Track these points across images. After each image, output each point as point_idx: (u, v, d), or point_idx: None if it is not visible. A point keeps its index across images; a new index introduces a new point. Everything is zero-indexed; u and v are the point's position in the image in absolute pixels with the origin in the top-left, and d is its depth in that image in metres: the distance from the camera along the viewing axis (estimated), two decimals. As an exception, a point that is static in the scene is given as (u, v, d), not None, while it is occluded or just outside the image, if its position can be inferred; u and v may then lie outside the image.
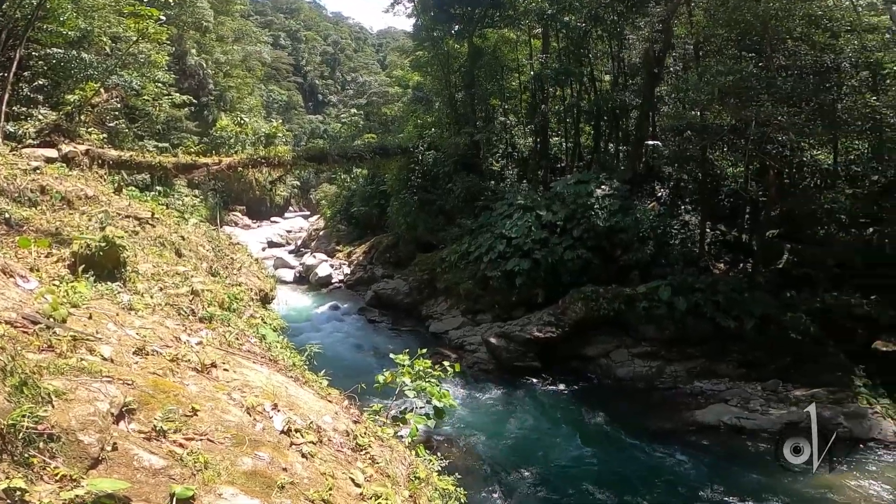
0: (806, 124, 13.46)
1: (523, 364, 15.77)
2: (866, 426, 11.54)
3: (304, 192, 53.89)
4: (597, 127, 22.39)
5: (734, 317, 14.34)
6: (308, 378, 4.03)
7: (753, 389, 13.55)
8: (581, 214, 17.36)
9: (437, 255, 20.93)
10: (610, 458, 11.45)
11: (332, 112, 75.70)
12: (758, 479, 10.25)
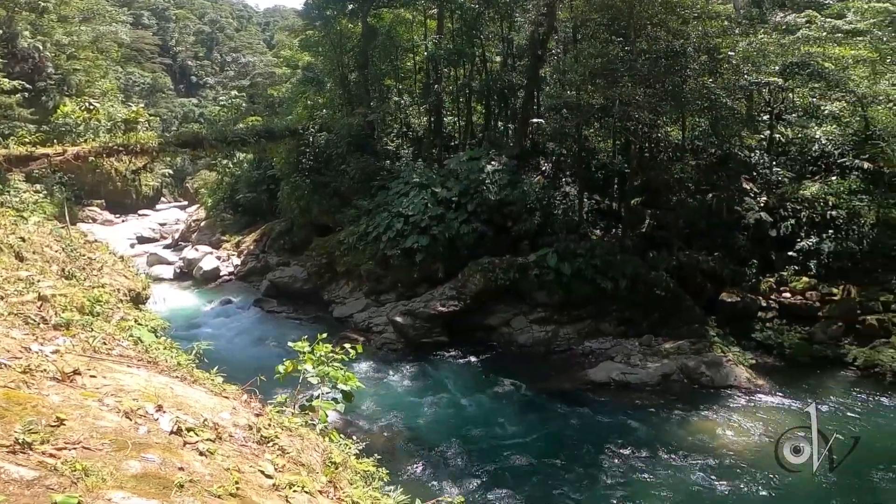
0: (659, 103, 14.80)
1: (431, 340, 15.79)
2: (723, 373, 13.12)
3: (178, 181, 48.56)
4: (487, 106, 22.73)
5: (610, 278, 15.55)
6: (198, 377, 3.80)
7: (632, 345, 14.84)
8: (474, 189, 17.72)
9: (335, 238, 20.04)
10: (520, 421, 11.95)
11: (209, 94, 68.92)
12: (645, 429, 11.35)
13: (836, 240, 15.37)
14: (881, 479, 9.45)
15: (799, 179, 17.02)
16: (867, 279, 14.84)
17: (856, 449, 10.12)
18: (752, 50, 15.05)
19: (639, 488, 9.51)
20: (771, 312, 15.24)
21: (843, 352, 13.48)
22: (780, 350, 14.06)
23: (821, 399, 11.99)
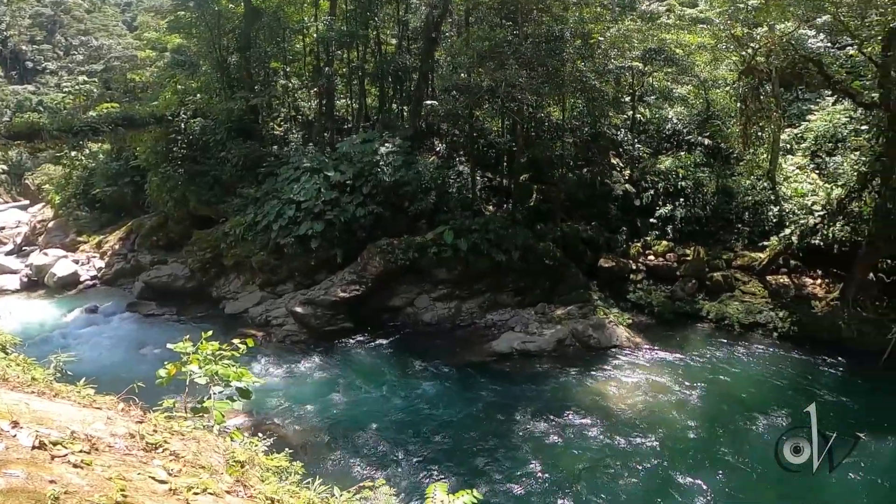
0: (541, 85, 15.37)
1: (335, 327, 15.02)
2: (607, 335, 14.10)
3: (16, 177, 40.69)
4: (382, 88, 21.82)
5: (504, 251, 16.00)
6: (60, 390, 3.49)
7: (529, 314, 15.41)
8: (368, 172, 17.05)
9: (220, 230, 18.05)
10: (433, 398, 11.88)
11: (49, 81, 58.55)
12: (548, 394, 11.97)
13: (686, 207, 17.31)
14: (740, 417, 10.73)
15: (656, 154, 18.88)
16: (711, 240, 16.92)
17: (718, 394, 11.58)
18: (618, 36, 16.19)
19: (550, 451, 10.01)
20: (640, 274, 16.77)
21: (699, 307, 15.21)
22: (650, 308, 15.51)
23: (685, 351, 13.48)
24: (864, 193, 14.66)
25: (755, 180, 17.35)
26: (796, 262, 15.68)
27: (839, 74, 15.40)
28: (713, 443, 10.03)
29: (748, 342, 13.78)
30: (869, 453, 9.45)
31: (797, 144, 18.64)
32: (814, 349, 13.23)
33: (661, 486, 8.93)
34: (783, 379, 12.12)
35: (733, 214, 17.00)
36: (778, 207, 16.55)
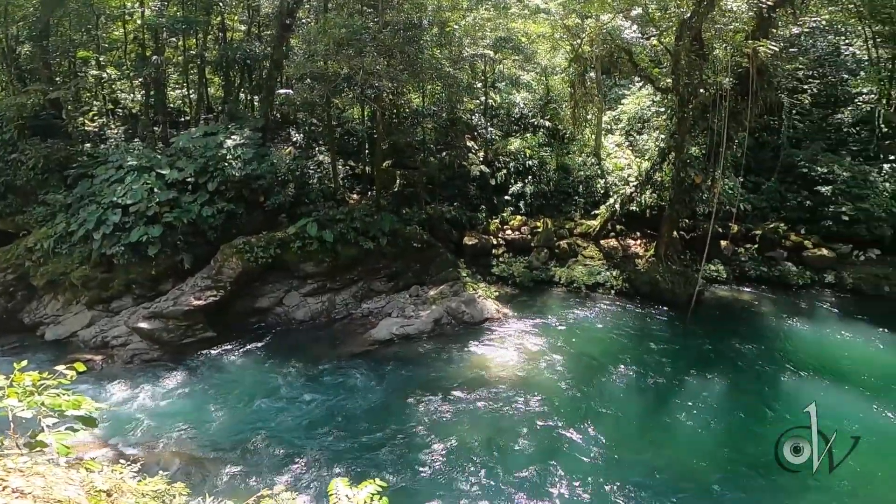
0: (399, 73, 14.91)
1: (195, 338, 13.20)
2: (479, 309, 14.63)
3: None
4: (227, 77, 19.18)
5: (371, 238, 15.62)
6: None
7: (404, 298, 15.30)
8: (214, 167, 14.99)
9: (22, 245, 14.34)
10: (318, 396, 11.31)
11: None
12: (433, 374, 12.13)
13: (534, 183, 18.68)
14: (598, 368, 12.10)
15: (506, 136, 19.93)
16: (556, 212, 18.58)
17: (578, 351, 12.89)
18: (472, 25, 16.35)
19: (446, 428, 10.15)
20: (501, 248, 17.75)
21: (552, 273, 16.67)
22: (512, 280, 16.55)
23: (546, 315, 14.68)
24: (664, 165, 17.29)
25: (585, 157, 19.39)
26: (621, 227, 18.09)
27: (643, 62, 17.65)
28: (584, 395, 11.20)
29: (593, 301, 15.58)
30: (692, 389, 11.48)
31: (615, 125, 21.27)
32: (643, 301, 15.52)
33: (550, 443, 9.73)
34: (624, 329, 14.00)
35: (571, 188, 18.87)
36: (604, 180, 18.79)
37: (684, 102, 15.37)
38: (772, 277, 16.45)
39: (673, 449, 9.70)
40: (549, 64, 20.03)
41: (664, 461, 9.33)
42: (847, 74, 19.72)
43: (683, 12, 14.31)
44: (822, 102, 19.74)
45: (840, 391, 11.37)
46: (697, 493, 8.60)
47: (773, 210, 17.63)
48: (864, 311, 15.06)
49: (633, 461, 9.32)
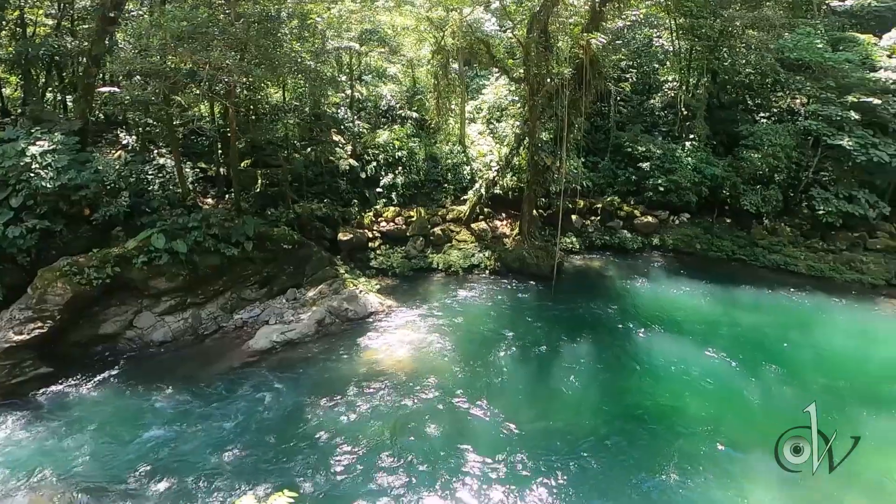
0: (253, 67, 13.61)
1: (25, 377, 10.97)
2: (362, 304, 14.22)
3: None
4: (27, 76, 15.73)
5: (234, 243, 14.31)
6: None
7: (281, 304, 14.28)
8: (17, 179, 12.23)
9: None
10: (204, 418, 10.19)
11: None
12: (325, 376, 11.61)
13: (405, 174, 18.65)
14: (485, 346, 12.55)
15: (374, 129, 19.51)
16: (428, 200, 18.79)
17: (464, 332, 13.21)
18: (336, 17, 15.52)
19: (349, 428, 9.77)
20: (377, 241, 17.45)
21: (429, 260, 16.86)
22: (392, 270, 16.42)
23: (429, 302, 14.87)
24: (520, 150, 18.47)
25: (452, 146, 19.88)
26: (489, 210, 18.97)
27: (500, 54, 18.57)
28: (476, 373, 11.58)
29: (471, 282, 16.14)
30: (567, 352, 12.51)
31: (478, 114, 22.15)
32: (514, 277, 16.49)
33: (455, 424, 9.90)
34: (501, 306, 14.77)
35: (440, 176, 19.25)
36: (470, 167, 19.49)
37: (534, 91, 16.47)
38: (613, 244, 18.72)
39: (564, 412, 10.53)
40: (415, 56, 20.07)
41: (561, 424, 10.08)
42: (657, 64, 22.97)
43: (534, 6, 15.22)
44: (639, 90, 22.79)
45: (678, 340, 13.37)
46: (596, 447, 9.46)
47: (609, 185, 19.98)
48: (684, 267, 17.92)
49: (533, 429, 9.89)
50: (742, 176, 19.40)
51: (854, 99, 19.05)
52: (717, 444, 9.75)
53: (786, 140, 19.37)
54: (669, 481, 8.77)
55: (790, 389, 11.65)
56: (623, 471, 8.95)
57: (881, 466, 9.17)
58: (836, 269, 18.05)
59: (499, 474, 8.72)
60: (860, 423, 10.51)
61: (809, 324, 14.91)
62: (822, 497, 8.45)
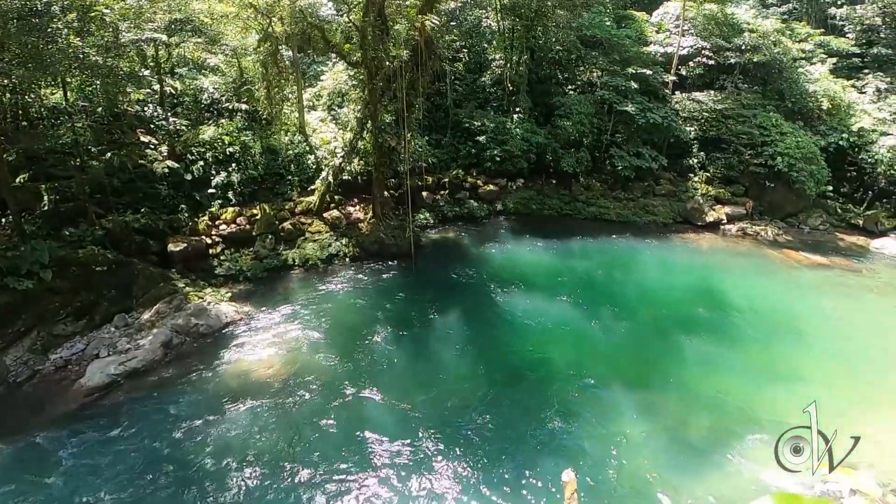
0: (9, 68, 10.56)
1: None
2: (214, 316, 12.46)
3: None
4: None
5: (26, 275, 11.43)
6: None
7: (109, 333, 11.99)
8: None
9: None
10: (33, 483, 7.61)
11: None
12: (187, 397, 10.11)
13: (240, 170, 16.67)
14: (357, 334, 11.96)
15: (196, 125, 16.93)
16: (272, 195, 17.13)
17: (334, 324, 12.35)
18: (130, 7, 12.63)
19: (235, 450, 8.69)
20: (220, 246, 15.41)
21: (284, 258, 15.44)
22: (243, 275, 14.70)
23: (291, 301, 13.71)
24: (364, 134, 17.84)
25: (291, 136, 18.32)
26: (339, 197, 18.06)
27: (336, 39, 17.43)
28: (357, 363, 11.07)
29: (332, 273, 15.25)
30: (438, 325, 12.46)
31: (317, 101, 20.72)
32: (375, 260, 16.04)
33: (349, 418, 9.37)
34: (367, 291, 14.29)
35: (282, 168, 17.68)
36: (314, 156, 18.25)
37: (373, 75, 15.95)
38: (464, 214, 19.44)
39: (449, 381, 10.61)
40: (240, 45, 17.75)
41: (448, 393, 10.15)
42: (486, 44, 24.07)
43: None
44: (472, 68, 23.74)
45: (531, 294, 14.46)
46: (486, 410, 9.69)
47: (452, 160, 20.61)
48: (525, 227, 19.42)
49: (425, 404, 9.80)
50: (559, 142, 21.58)
51: (633, 70, 22.36)
52: (585, 385, 10.77)
53: (588, 109, 22.02)
54: (556, 427, 9.46)
55: (626, 323, 13.50)
56: (514, 427, 9.39)
57: (715, 385, 10.88)
58: (637, 213, 21.35)
59: (404, 457, 8.55)
60: (686, 348, 12.41)
61: (627, 263, 17.38)
62: (675, 421, 9.81)
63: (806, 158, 21.16)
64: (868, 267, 18.71)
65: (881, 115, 23.02)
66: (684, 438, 9.31)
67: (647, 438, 9.25)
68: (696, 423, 9.76)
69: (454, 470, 8.33)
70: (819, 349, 12.76)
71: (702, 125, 22.89)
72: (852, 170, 22.59)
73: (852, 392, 11.06)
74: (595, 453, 8.84)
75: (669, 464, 8.65)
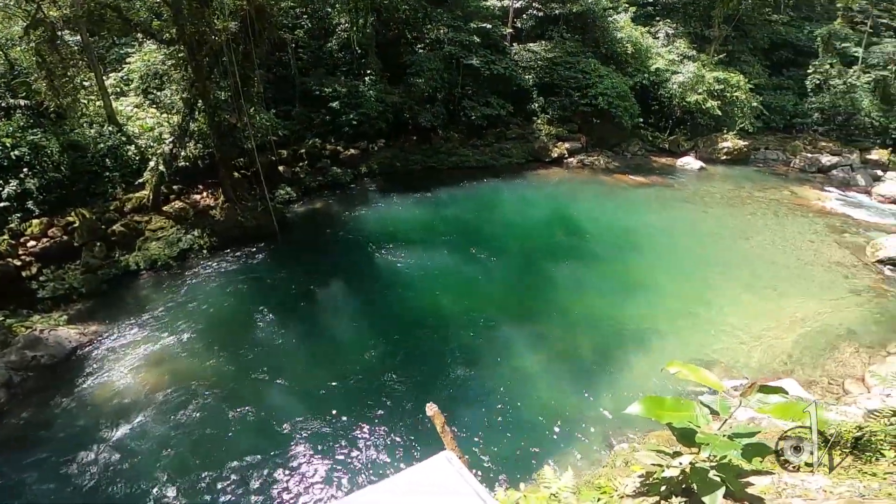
0: None
1: None
2: (55, 343, 10.32)
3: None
4: None
5: None
6: None
7: None
8: None
9: None
10: None
11: None
12: (50, 446, 8.09)
13: (36, 175, 12.98)
14: (239, 333, 10.31)
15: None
16: (89, 197, 13.81)
17: (210, 324, 10.44)
18: None
19: (130, 480, 7.17)
20: (34, 266, 12.14)
21: (123, 263, 12.75)
22: (76, 292, 11.84)
23: (151, 309, 11.62)
24: (196, 115, 15.06)
25: (99, 128, 14.69)
26: (179, 186, 15.28)
27: (139, 16, 14.00)
28: (245, 361, 9.68)
29: (191, 269, 13.12)
30: (321, 300, 11.26)
31: (127, 86, 16.84)
32: (238, 246, 14.05)
33: (253, 420, 8.29)
34: (237, 280, 12.65)
35: (95, 165, 14.27)
36: (134, 146, 15.00)
37: (194, 51, 13.19)
38: (328, 183, 17.98)
39: (349, 355, 9.79)
40: (3, 35, 13.32)
41: (351, 367, 9.40)
42: (329, 8, 21.64)
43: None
44: (316, 34, 21.29)
45: (412, 249, 13.96)
46: (395, 376, 9.12)
47: (307, 129, 18.75)
48: (393, 186, 18.65)
49: (330, 384, 8.98)
50: (414, 99, 20.80)
51: (475, 25, 22.05)
52: (478, 326, 10.73)
53: (438, 65, 21.43)
54: (459, 375, 9.30)
55: (502, 260, 13.85)
56: (422, 383, 9.04)
57: (587, 305, 11.30)
58: (494, 157, 21.86)
59: (319, 435, 7.90)
60: (556, 274, 13.00)
61: (492, 203, 17.68)
62: (563, 345, 10.17)
63: (620, 97, 23.29)
64: (678, 182, 21.61)
65: (671, 57, 26.07)
66: (573, 361, 9.83)
67: (541, 369, 9.59)
68: (581, 344, 10.39)
69: (371, 436, 7.91)
70: (657, 258, 14.46)
71: (538, 73, 23.78)
72: (655, 104, 25.47)
73: (689, 290, 12.71)
74: (500, 390, 8.95)
75: (566, 389, 9.07)
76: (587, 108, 23.34)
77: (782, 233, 16.76)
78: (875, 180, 22.71)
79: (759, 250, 15.35)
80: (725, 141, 24.98)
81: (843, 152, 24.76)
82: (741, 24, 28.24)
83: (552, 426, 8.13)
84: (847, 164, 24.08)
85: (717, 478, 3.10)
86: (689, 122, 25.55)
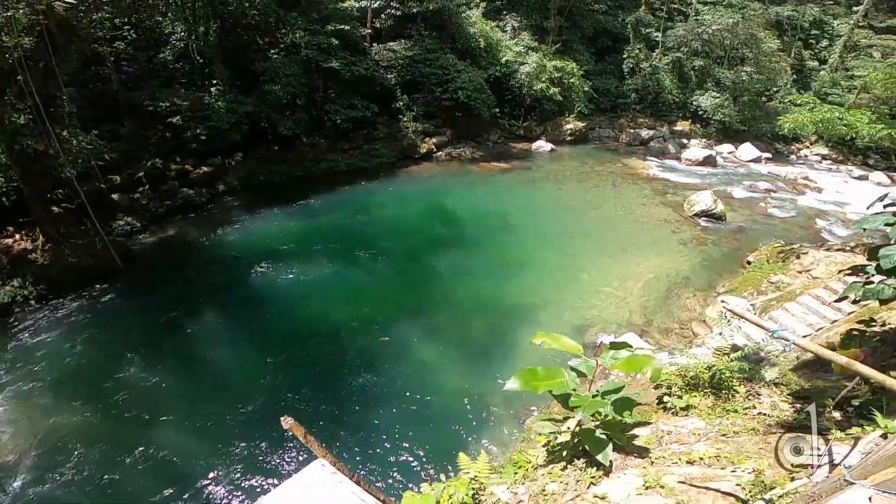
0: None
1: None
2: None
3: None
4: None
5: None
6: None
7: None
8: None
9: None
10: None
11: None
12: None
13: None
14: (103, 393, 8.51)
15: None
16: None
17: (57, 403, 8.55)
18: None
19: None
20: None
21: None
22: None
23: None
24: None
25: None
26: (-19, 232, 12.27)
27: None
28: (113, 407, 8.18)
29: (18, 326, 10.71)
30: (190, 337, 9.88)
31: None
32: (76, 291, 11.68)
33: (144, 459, 6.61)
34: (81, 329, 10.57)
35: None
36: None
37: None
38: (179, 206, 15.85)
39: (237, 384, 8.89)
40: None
41: (246, 398, 8.51)
42: (159, 17, 18.84)
43: None
44: (144, 45, 18.48)
45: (290, 264, 12.88)
46: (292, 391, 8.46)
47: (141, 150, 16.25)
48: (260, 200, 17.20)
49: (220, 419, 8.09)
50: (271, 107, 19.35)
51: (332, 27, 21.11)
52: (374, 331, 10.26)
53: (295, 70, 20.15)
54: (364, 381, 8.89)
55: (387, 261, 13.36)
56: (329, 401, 8.46)
57: (473, 291, 11.11)
58: (364, 159, 21.39)
59: (225, 473, 7.08)
60: (440, 265, 13.01)
61: (368, 205, 17.26)
62: (459, 333, 10.03)
63: (478, 90, 24.28)
64: (535, 164, 23.27)
65: (518, 49, 27.84)
66: (472, 346, 9.91)
67: (443, 359, 9.48)
68: (475, 328, 10.52)
69: (278, 460, 7.28)
70: (527, 235, 15.31)
71: (400, 71, 23.69)
72: (508, 94, 27.08)
73: (559, 260, 13.59)
74: (407, 388, 8.71)
75: (471, 374, 9.08)
76: (449, 103, 23.92)
77: (622, 200, 19.00)
78: (682, 147, 26.97)
79: (607, 217, 17.09)
80: (568, 123, 27.58)
81: (656, 126, 28.93)
82: (571, 14, 31.16)
83: (465, 413, 8.16)
84: (660, 135, 28.20)
85: (603, 435, 3.21)
86: (537, 108, 27.62)
